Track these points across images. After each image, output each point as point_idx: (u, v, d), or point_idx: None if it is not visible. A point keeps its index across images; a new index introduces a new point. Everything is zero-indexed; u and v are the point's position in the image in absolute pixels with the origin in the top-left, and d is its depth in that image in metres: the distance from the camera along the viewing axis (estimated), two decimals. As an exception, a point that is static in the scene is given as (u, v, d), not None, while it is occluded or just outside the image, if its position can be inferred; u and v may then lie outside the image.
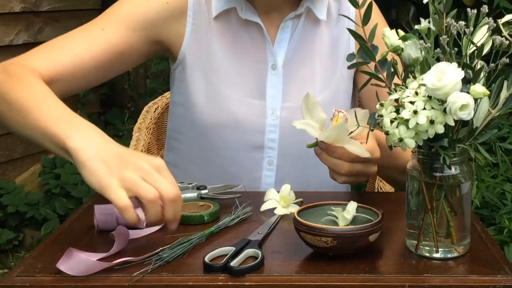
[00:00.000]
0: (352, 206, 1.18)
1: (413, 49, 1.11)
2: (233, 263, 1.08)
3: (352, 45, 1.61)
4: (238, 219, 1.28)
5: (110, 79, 1.55)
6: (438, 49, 1.09)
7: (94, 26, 1.49)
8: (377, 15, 1.60)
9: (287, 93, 1.55)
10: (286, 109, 1.55)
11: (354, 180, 1.37)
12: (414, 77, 1.11)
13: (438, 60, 1.10)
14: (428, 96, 1.05)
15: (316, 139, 1.32)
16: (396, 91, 1.09)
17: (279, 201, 1.34)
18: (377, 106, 1.10)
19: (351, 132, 1.25)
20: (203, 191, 1.39)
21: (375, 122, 1.11)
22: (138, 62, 1.58)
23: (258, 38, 1.55)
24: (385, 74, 1.13)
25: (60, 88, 1.40)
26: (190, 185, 1.40)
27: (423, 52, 1.10)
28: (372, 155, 1.32)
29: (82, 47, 1.46)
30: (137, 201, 1.10)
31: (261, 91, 1.55)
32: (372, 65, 1.14)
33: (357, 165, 1.33)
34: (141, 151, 1.83)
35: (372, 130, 1.14)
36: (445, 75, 1.03)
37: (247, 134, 1.54)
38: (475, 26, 1.11)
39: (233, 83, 1.54)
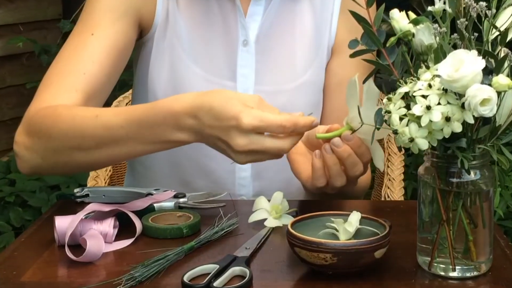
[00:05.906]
0: (355, 217, 1.18)
1: (425, 35, 1.11)
2: (217, 283, 1.08)
3: (334, 27, 1.62)
4: (223, 232, 1.28)
5: None
6: (455, 34, 1.09)
7: (82, 35, 1.52)
8: None
9: (261, 74, 1.57)
10: (260, 93, 1.53)
11: None
12: (427, 67, 1.11)
13: (455, 47, 1.10)
14: (443, 89, 1.05)
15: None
16: (406, 83, 1.09)
17: (270, 211, 1.33)
18: (384, 100, 1.10)
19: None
20: (182, 200, 1.39)
21: (381, 120, 1.11)
22: None
23: (229, 8, 1.57)
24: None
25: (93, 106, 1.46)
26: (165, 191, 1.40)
27: (437, 38, 1.10)
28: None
29: (85, 62, 1.49)
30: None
31: (231, 70, 1.57)
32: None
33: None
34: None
35: (378, 129, 1.14)
36: (463, 65, 1.03)
37: None
38: (498, 8, 1.11)
39: (199, 59, 1.56)
